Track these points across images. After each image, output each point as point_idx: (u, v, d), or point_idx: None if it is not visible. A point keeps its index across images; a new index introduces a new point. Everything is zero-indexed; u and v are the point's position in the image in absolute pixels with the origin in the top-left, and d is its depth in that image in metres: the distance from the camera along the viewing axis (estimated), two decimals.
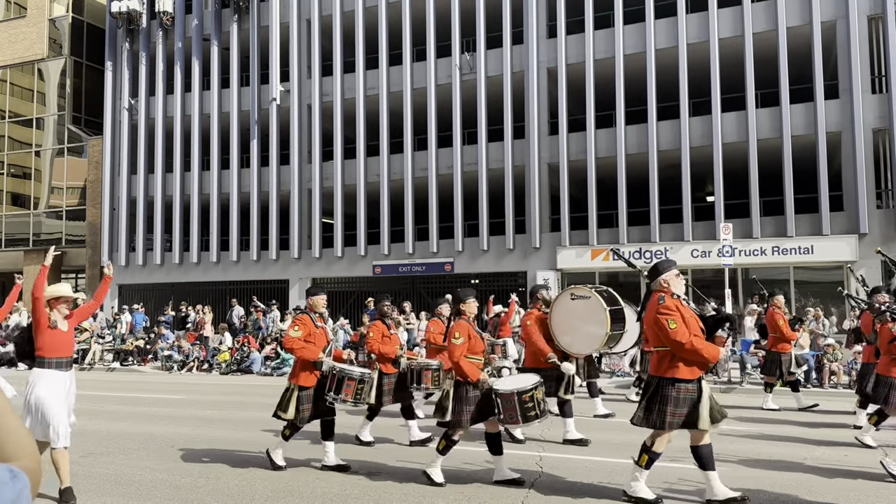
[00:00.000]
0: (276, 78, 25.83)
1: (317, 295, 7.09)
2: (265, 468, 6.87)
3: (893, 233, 18.39)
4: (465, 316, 6.38)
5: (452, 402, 6.11)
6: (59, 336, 5.77)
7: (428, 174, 23.52)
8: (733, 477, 6.21)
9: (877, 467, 6.70)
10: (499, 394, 6.03)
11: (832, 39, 19.55)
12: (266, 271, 25.84)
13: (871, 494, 5.91)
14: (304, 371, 6.75)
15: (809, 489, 6.09)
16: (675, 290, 5.57)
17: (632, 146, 21.12)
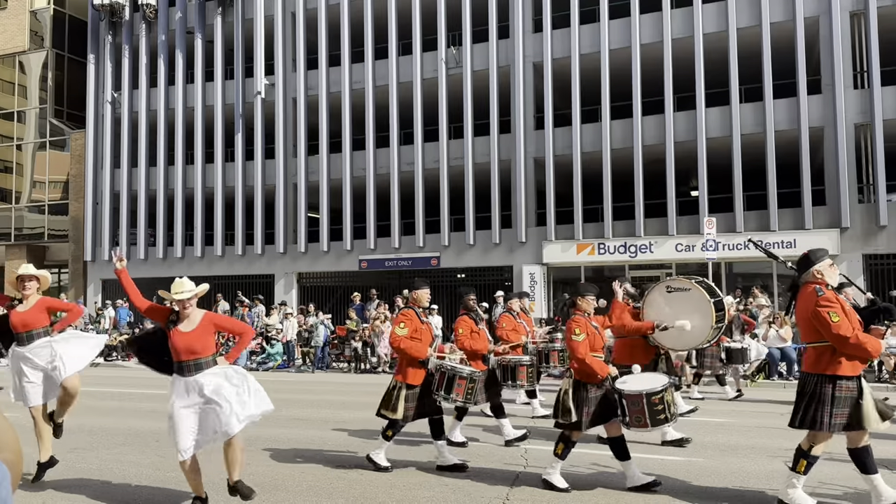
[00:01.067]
0: (261, 71, 25.68)
1: (420, 289, 6.80)
2: (248, 463, 6.86)
3: (874, 227, 18.61)
4: (581, 311, 6.06)
5: (573, 402, 5.79)
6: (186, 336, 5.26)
7: (414, 168, 23.49)
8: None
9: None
10: (625, 395, 5.73)
11: (815, 35, 19.70)
12: (251, 266, 25.73)
13: (850, 483, 6.00)
14: (411, 368, 6.49)
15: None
16: (830, 280, 5.18)
17: (617, 141, 21.20)
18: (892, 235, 18.52)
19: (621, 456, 5.83)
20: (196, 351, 5.17)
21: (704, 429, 8.69)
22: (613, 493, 5.76)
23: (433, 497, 5.67)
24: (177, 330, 5.22)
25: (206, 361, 5.21)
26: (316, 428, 8.92)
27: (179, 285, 5.33)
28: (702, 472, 6.45)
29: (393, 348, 6.60)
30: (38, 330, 6.35)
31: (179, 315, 5.28)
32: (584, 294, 6.12)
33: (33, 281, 6.40)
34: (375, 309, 18.56)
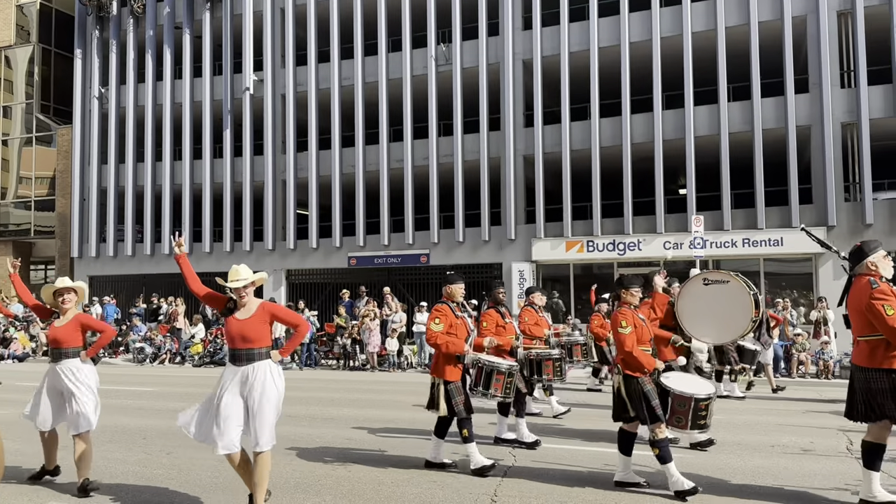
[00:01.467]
0: (250, 67, 25.56)
1: (455, 283, 6.62)
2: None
3: (861, 225, 18.76)
4: (627, 304, 5.97)
5: (627, 397, 5.68)
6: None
7: (404, 165, 23.46)
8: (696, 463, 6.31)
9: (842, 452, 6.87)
10: (675, 394, 5.67)
11: (802, 34, 19.81)
12: (240, 263, 25.59)
13: (834, 480, 6.05)
14: (448, 364, 6.35)
15: (776, 475, 6.22)
16: (885, 272, 5.08)
17: (606, 139, 21.25)
18: (878, 234, 18.65)
19: (626, 451, 5.82)
20: (250, 339, 5.04)
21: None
22: (607, 493, 5.78)
23: (421, 493, 5.67)
24: (233, 318, 5.14)
25: (259, 352, 5.06)
26: (304, 425, 8.90)
27: (235, 273, 5.23)
28: (689, 466, 6.49)
29: (430, 345, 6.42)
30: (69, 349, 5.97)
31: (237, 303, 5.19)
32: (628, 286, 6.01)
33: (71, 294, 6.08)
34: (364, 306, 18.53)
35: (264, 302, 5.26)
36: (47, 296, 6.17)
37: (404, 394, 12.22)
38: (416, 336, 17.80)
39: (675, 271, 20.81)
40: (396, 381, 14.75)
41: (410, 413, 9.87)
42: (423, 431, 8.25)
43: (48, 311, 6.25)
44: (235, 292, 5.15)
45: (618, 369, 5.81)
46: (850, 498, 5.44)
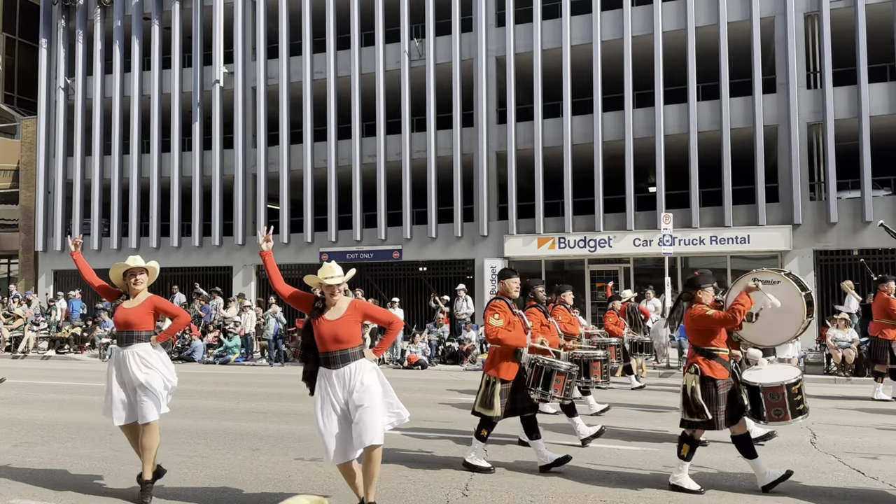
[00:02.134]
0: (220, 59, 25.24)
1: (510, 278, 6.34)
2: (205, 456, 6.78)
3: (825, 224, 19.15)
4: (700, 303, 5.75)
5: (703, 400, 5.45)
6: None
7: (376, 161, 23.39)
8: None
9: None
10: (764, 387, 5.48)
11: (770, 35, 20.14)
12: (209, 258, 25.35)
13: (798, 471, 6.19)
14: (506, 361, 6.12)
15: (743, 467, 6.33)
16: None
17: (578, 136, 21.40)
18: (841, 232, 19.08)
19: (749, 454, 5.57)
20: (343, 340, 4.80)
21: (660, 419, 8.87)
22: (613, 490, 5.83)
23: (392, 488, 5.68)
24: (322, 318, 4.87)
25: (353, 352, 4.84)
26: (274, 421, 8.85)
27: (329, 270, 4.93)
28: (658, 460, 6.59)
29: (489, 340, 6.15)
30: (140, 332, 5.55)
31: (325, 302, 4.94)
32: (702, 285, 5.83)
33: (143, 274, 5.67)
34: None
35: (355, 300, 5.02)
36: (116, 276, 5.74)
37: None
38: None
39: (644, 268, 21.13)
40: None
41: None
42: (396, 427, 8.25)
43: (115, 292, 5.83)
44: (327, 290, 4.87)
45: (694, 369, 5.59)
46: (820, 489, 5.57)
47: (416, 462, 6.53)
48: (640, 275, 21.04)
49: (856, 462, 6.53)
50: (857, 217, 18.92)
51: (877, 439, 7.63)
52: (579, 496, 5.47)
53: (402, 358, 17.09)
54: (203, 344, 18.59)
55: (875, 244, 18.79)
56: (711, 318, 5.51)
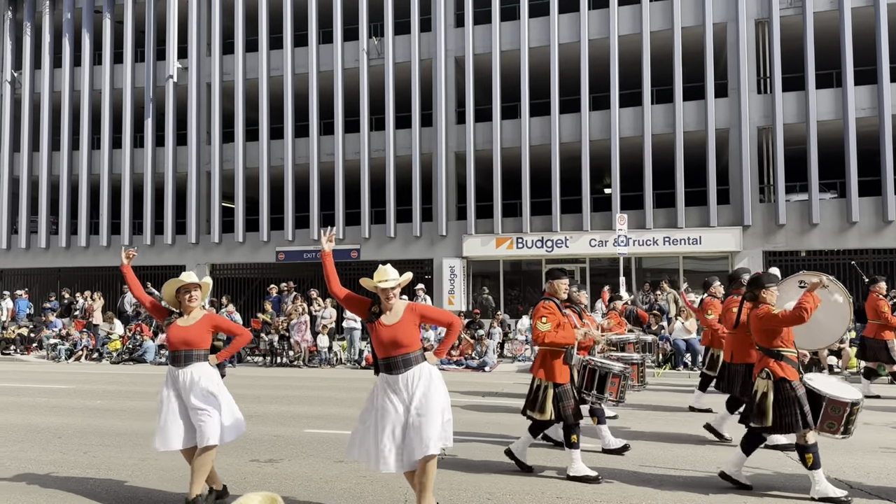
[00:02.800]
0: (174, 54, 24.75)
1: (559, 279, 6.14)
2: (158, 458, 6.64)
3: (774, 225, 19.69)
4: (766, 303, 5.68)
5: (774, 404, 5.36)
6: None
7: (334, 159, 23.22)
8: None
9: None
10: (830, 398, 5.38)
11: (723, 41, 20.62)
12: (161, 256, 24.82)
13: (750, 466, 6.34)
14: (557, 364, 5.91)
15: (695, 463, 6.45)
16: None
17: (536, 138, 21.58)
18: (790, 233, 19.65)
19: (815, 466, 5.37)
20: (403, 344, 4.68)
21: (643, 419, 9.01)
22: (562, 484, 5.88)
23: (350, 489, 5.64)
24: (380, 323, 4.74)
25: (414, 356, 4.71)
26: None
27: (384, 273, 4.79)
28: (611, 458, 6.68)
29: (538, 345, 5.94)
30: (199, 351, 5.29)
31: (382, 306, 4.81)
32: (766, 285, 5.75)
33: (198, 290, 5.40)
34: (292, 302, 18.25)
35: (411, 303, 4.89)
36: (169, 293, 5.43)
37: (333, 390, 12.12)
38: (347, 332, 17.65)
39: (600, 268, 21.41)
40: (326, 378, 14.61)
41: (338, 408, 9.79)
42: (349, 427, 8.22)
43: (165, 311, 5.52)
44: (383, 294, 4.74)
45: (766, 374, 5.48)
46: (767, 484, 5.72)
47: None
48: (596, 275, 21.33)
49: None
50: (805, 219, 19.49)
51: (822, 437, 7.84)
52: (535, 493, 5.52)
53: (359, 358, 17.00)
54: (155, 345, 18.19)
55: (821, 245, 19.42)
56: (778, 317, 5.42)
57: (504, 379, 14.10)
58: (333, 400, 10.70)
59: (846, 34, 19.05)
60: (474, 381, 13.39)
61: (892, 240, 18.83)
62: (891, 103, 18.79)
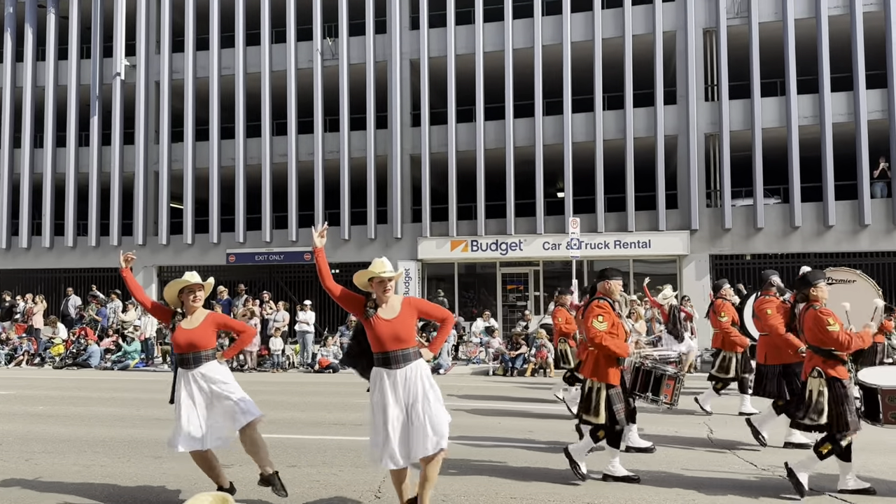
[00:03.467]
0: (121, 51, 24.12)
1: (613, 279, 6.12)
2: (104, 464, 6.46)
3: (720, 230, 20.20)
4: (820, 301, 5.62)
5: (830, 401, 5.34)
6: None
7: (287, 160, 22.94)
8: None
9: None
10: (883, 390, 5.33)
11: (672, 49, 21.09)
12: (106, 258, 24.12)
13: (697, 465, 6.48)
14: (610, 367, 5.87)
15: (645, 462, 6.57)
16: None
17: (490, 141, 21.71)
18: (735, 237, 20.18)
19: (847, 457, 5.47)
20: (403, 339, 4.65)
21: (566, 417, 9.11)
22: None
23: (304, 493, 5.58)
24: (378, 317, 4.69)
25: (413, 352, 4.70)
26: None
27: (381, 265, 4.78)
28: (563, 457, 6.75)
29: (593, 345, 5.88)
30: (207, 352, 5.30)
31: (378, 300, 4.76)
32: (814, 282, 5.66)
33: (202, 291, 5.40)
34: (243, 305, 17.97)
35: (406, 297, 4.88)
36: (171, 294, 5.45)
37: (286, 394, 11.96)
38: (299, 335, 17.46)
39: (553, 271, 21.64)
40: (278, 382, 14.41)
41: (291, 413, 9.67)
42: (302, 431, 8.13)
43: (169, 311, 5.49)
44: (381, 286, 4.74)
45: (817, 372, 5.46)
46: (718, 482, 5.85)
47: (326, 465, 6.44)
48: (549, 277, 21.56)
49: (749, 455, 6.90)
50: (750, 223, 20.05)
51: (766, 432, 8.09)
52: (489, 495, 5.54)
53: (312, 361, 16.83)
54: (100, 349, 17.69)
55: (765, 249, 20.00)
56: (831, 334, 5.38)
57: (459, 381, 14.14)
58: (286, 404, 10.56)
59: (790, 44, 19.69)
60: None
61: (833, 244, 19.51)
62: (832, 112, 19.48)
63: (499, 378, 15.10)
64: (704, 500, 5.40)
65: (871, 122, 19.29)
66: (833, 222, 19.33)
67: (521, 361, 15.65)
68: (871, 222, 19.15)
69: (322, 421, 8.96)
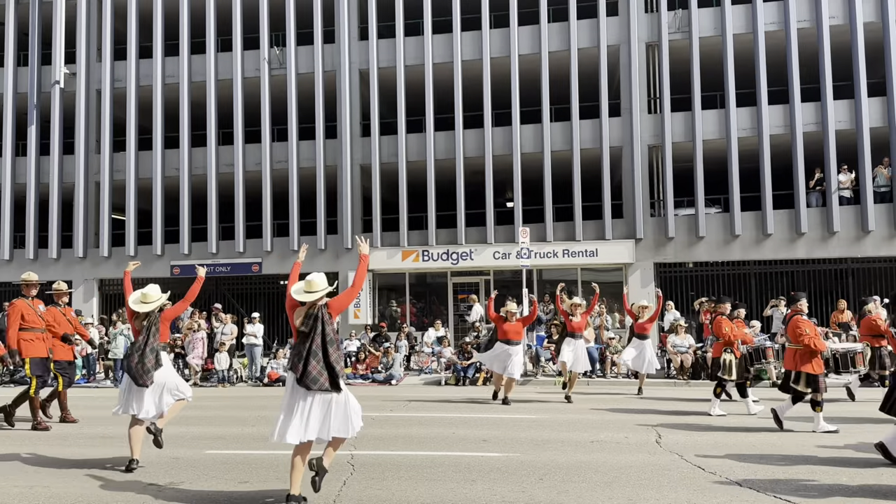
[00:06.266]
0: (61, 59, 23.45)
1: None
2: (47, 485, 6.23)
3: (664, 238, 20.71)
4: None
5: None
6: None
7: (234, 170, 22.61)
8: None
9: (653, 446, 7.51)
10: None
11: (616, 62, 21.59)
12: (45, 271, 23.21)
13: (646, 470, 6.63)
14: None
15: (596, 468, 6.70)
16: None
17: (441, 152, 21.81)
18: (678, 246, 20.72)
19: None
20: None
21: (519, 426, 9.19)
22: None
23: None
24: None
25: None
26: (123, 445, 8.28)
27: (311, 285, 5.60)
28: (520, 465, 6.81)
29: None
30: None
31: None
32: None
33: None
34: (189, 318, 17.59)
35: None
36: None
37: (234, 409, 11.76)
38: (247, 349, 17.16)
39: (503, 280, 21.82)
40: (225, 396, 14.15)
41: (239, 428, 9.51)
42: (251, 446, 8.01)
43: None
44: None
45: None
46: (668, 485, 5.99)
47: (280, 482, 6.35)
48: (500, 286, 21.66)
49: (697, 458, 7.09)
50: (692, 232, 20.61)
51: (713, 437, 8.33)
52: (446, 502, 5.56)
53: (262, 375, 16.56)
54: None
55: (707, 258, 20.59)
56: None
57: (412, 392, 14.12)
58: (234, 419, 10.37)
59: (729, 59, 20.37)
60: (382, 395, 13.32)
61: (772, 251, 20.21)
62: (769, 124, 20.21)
63: (451, 387, 15.13)
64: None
65: (806, 133, 20.09)
66: (771, 231, 20.01)
67: (472, 371, 15.72)
68: (808, 230, 19.90)
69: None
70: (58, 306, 10.51)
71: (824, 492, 5.74)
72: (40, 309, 10.06)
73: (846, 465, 6.67)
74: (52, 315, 10.23)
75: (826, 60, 19.91)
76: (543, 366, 16.57)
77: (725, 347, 10.13)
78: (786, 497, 5.61)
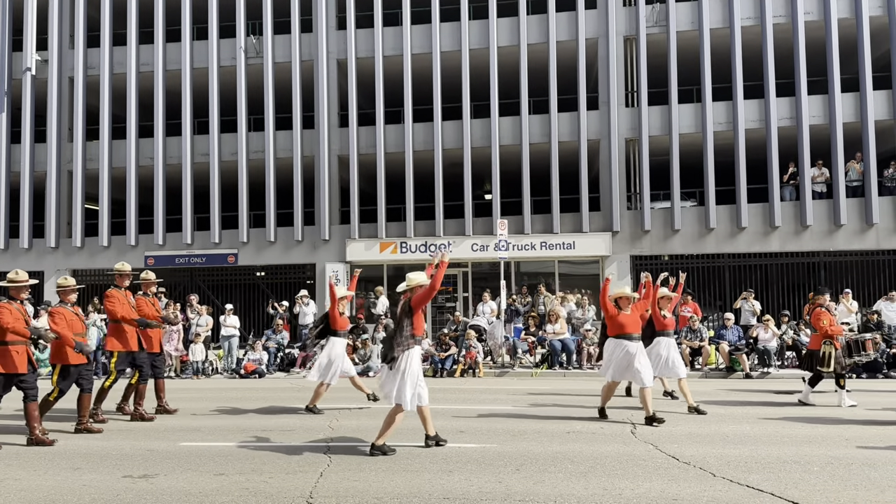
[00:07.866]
0: (32, 46, 23.01)
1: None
2: (19, 478, 6.14)
3: (640, 231, 20.88)
4: None
5: None
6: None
7: (210, 160, 22.37)
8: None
9: (627, 435, 7.58)
10: None
11: (594, 56, 21.66)
12: (16, 261, 22.91)
13: (621, 460, 6.70)
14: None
15: (572, 459, 6.75)
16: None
17: (419, 143, 21.77)
18: (654, 239, 20.90)
19: None
20: None
21: (495, 417, 9.23)
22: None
23: (233, 501, 5.45)
24: None
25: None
26: (96, 437, 8.19)
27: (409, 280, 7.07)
28: (496, 456, 6.84)
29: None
30: None
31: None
32: None
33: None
34: (164, 309, 17.36)
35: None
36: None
37: (209, 401, 11.66)
38: (223, 340, 17.03)
39: (481, 272, 21.87)
40: (200, 388, 14.03)
41: (214, 420, 9.44)
42: (227, 438, 7.96)
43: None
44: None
45: None
46: (642, 475, 6.06)
47: (256, 473, 6.32)
48: (478, 279, 21.78)
49: (671, 449, 7.17)
50: (668, 225, 20.80)
51: (687, 428, 8.43)
52: (422, 496, 5.56)
53: (238, 367, 16.45)
54: None
55: (682, 250, 20.79)
56: None
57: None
58: (210, 411, 10.29)
59: (705, 53, 20.54)
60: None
61: (746, 244, 20.47)
62: (745, 118, 20.43)
63: (428, 379, 15.08)
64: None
65: (780, 128, 20.34)
66: (746, 224, 20.26)
67: (450, 362, 15.75)
68: (781, 224, 20.18)
69: (249, 427, 8.78)
70: (146, 296, 10.34)
71: (796, 480, 5.84)
72: (131, 300, 9.96)
73: (818, 453, 6.79)
74: (143, 304, 10.04)
75: (801, 56, 20.16)
76: (521, 357, 16.65)
77: (825, 340, 10.17)
78: (758, 487, 5.69)
